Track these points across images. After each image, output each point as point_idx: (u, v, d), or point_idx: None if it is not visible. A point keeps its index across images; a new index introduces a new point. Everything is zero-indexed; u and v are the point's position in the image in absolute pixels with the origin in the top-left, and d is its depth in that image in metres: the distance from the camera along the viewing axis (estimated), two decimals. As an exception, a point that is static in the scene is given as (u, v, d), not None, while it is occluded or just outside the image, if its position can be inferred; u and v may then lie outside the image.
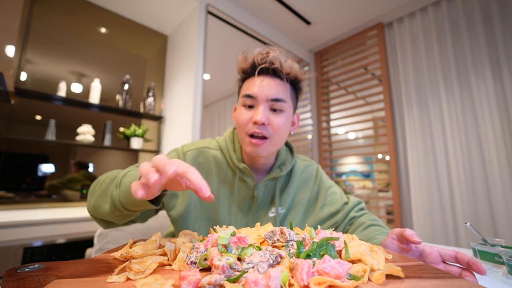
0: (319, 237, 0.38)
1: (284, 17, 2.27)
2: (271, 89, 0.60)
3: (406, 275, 0.30)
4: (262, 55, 0.61)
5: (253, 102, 0.61)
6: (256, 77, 0.62)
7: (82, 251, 1.24)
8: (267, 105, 0.60)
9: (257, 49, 0.63)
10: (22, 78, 1.57)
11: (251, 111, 0.61)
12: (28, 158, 1.60)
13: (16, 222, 1.11)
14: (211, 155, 0.68)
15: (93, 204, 0.52)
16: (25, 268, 0.31)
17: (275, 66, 0.61)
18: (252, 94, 0.60)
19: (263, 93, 0.59)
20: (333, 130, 2.73)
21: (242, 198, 0.68)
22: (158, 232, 0.44)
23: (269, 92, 0.60)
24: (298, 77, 0.66)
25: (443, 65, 1.93)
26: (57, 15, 1.75)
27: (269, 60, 0.61)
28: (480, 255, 0.63)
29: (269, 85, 0.60)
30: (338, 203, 0.72)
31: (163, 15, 2.07)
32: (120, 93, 1.90)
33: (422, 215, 1.91)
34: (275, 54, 0.61)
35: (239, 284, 0.25)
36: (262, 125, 0.59)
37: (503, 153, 1.60)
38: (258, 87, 0.60)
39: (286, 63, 0.62)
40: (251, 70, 0.63)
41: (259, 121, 0.58)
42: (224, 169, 0.67)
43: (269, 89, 0.60)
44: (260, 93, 0.59)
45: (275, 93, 0.60)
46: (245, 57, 0.64)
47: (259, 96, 0.60)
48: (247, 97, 0.61)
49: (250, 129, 0.60)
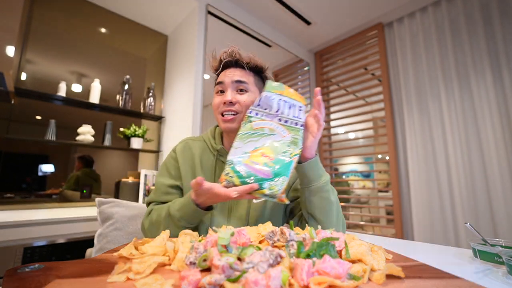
0: (319, 237, 0.38)
1: (284, 17, 2.27)
2: (235, 74, 0.73)
3: (406, 275, 0.30)
4: (226, 52, 0.75)
5: (222, 87, 0.74)
6: (225, 70, 0.76)
7: (82, 251, 1.24)
8: (233, 87, 0.73)
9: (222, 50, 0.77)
10: (22, 78, 1.57)
11: (222, 95, 0.74)
12: (28, 158, 1.60)
13: (16, 222, 1.11)
14: (194, 144, 0.81)
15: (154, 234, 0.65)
16: (25, 268, 0.31)
17: (236, 58, 0.74)
18: (221, 80, 0.74)
19: (228, 78, 0.73)
20: (333, 130, 2.73)
21: None
22: (167, 230, 0.44)
23: (233, 77, 0.73)
24: (259, 65, 0.77)
25: (443, 65, 1.93)
26: (57, 15, 1.76)
27: (230, 54, 0.74)
28: (480, 255, 0.63)
29: (233, 72, 0.74)
30: None
31: (163, 15, 2.07)
32: (120, 93, 1.90)
33: (422, 215, 1.91)
34: (234, 49, 0.75)
35: (239, 284, 0.25)
36: (231, 104, 0.71)
37: (503, 153, 1.60)
38: (225, 75, 0.74)
39: (245, 54, 0.76)
40: (220, 66, 0.76)
41: (227, 100, 0.71)
42: (205, 154, 0.79)
43: (233, 75, 0.73)
44: (226, 78, 0.73)
45: (237, 77, 0.73)
46: (214, 56, 0.78)
47: (225, 81, 0.73)
48: (217, 84, 0.75)
49: (222, 109, 0.72)
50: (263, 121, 0.62)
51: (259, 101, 0.63)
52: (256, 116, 0.63)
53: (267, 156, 0.58)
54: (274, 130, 0.61)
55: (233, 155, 0.59)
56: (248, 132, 0.61)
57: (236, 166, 0.57)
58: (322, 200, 0.63)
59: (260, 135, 0.61)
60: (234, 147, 0.60)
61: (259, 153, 0.58)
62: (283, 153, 0.58)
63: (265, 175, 0.56)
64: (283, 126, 0.61)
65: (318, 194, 0.63)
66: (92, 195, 1.74)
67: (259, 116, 0.63)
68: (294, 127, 0.61)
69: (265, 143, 0.60)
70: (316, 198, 0.64)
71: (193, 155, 0.79)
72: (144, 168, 1.88)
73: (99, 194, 1.85)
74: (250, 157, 0.58)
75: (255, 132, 0.61)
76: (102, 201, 0.96)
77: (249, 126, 0.62)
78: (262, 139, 0.60)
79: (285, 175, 0.56)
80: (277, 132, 0.60)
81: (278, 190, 0.55)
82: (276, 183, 0.55)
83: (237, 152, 0.60)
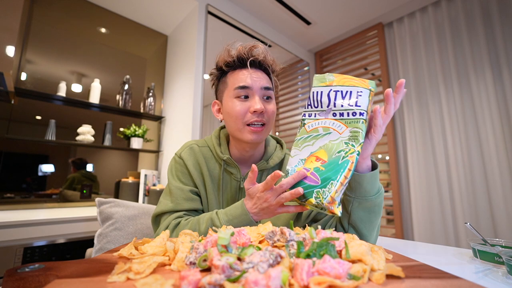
0: (319, 237, 0.38)
1: (284, 17, 2.27)
2: (261, 79, 0.65)
3: (406, 275, 0.30)
4: (248, 49, 0.65)
5: (247, 93, 0.64)
6: (245, 69, 0.66)
7: (82, 251, 1.24)
8: (260, 94, 0.65)
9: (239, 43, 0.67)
10: (22, 78, 1.57)
11: (246, 102, 0.64)
12: (28, 158, 1.60)
13: (16, 222, 1.11)
14: (200, 150, 0.72)
15: None
16: (25, 268, 0.31)
17: (261, 59, 0.66)
18: (247, 85, 0.64)
19: (256, 83, 0.64)
20: (333, 130, 2.73)
21: (230, 190, 0.71)
22: (167, 230, 0.44)
23: (261, 82, 0.65)
24: (276, 70, 0.71)
25: (443, 65, 1.93)
26: (57, 15, 1.75)
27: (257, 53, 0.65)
28: (480, 255, 0.63)
29: (259, 76, 0.65)
30: None
31: (163, 15, 2.07)
32: (120, 93, 1.90)
33: (422, 215, 1.91)
34: (263, 48, 0.66)
35: (239, 284, 0.25)
36: (261, 114, 0.63)
37: (503, 153, 1.60)
38: (250, 78, 0.64)
39: (270, 56, 0.68)
40: (237, 63, 0.66)
41: (259, 109, 0.62)
42: (211, 163, 0.72)
43: (260, 79, 0.65)
44: (253, 83, 0.64)
45: (266, 83, 0.65)
46: (229, 50, 0.67)
47: (254, 86, 0.64)
48: (242, 88, 0.64)
49: (250, 118, 0.63)
50: (317, 121, 0.52)
51: (308, 101, 0.54)
52: (309, 118, 0.53)
53: (320, 160, 0.49)
54: (329, 128, 0.50)
55: (289, 165, 0.52)
56: (303, 137, 0.53)
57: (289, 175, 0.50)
58: (371, 214, 0.56)
59: (315, 137, 0.51)
60: (291, 156, 0.53)
61: (313, 158, 0.50)
62: (338, 153, 0.48)
63: (313, 181, 0.47)
64: (339, 121, 0.50)
65: (370, 209, 0.55)
66: (92, 195, 1.74)
67: (312, 117, 0.53)
68: (352, 118, 0.49)
69: (321, 145, 0.50)
70: (365, 212, 0.55)
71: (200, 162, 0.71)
72: (144, 168, 1.88)
73: (99, 194, 1.85)
74: (305, 164, 0.50)
75: (309, 135, 0.52)
76: (102, 201, 0.96)
77: (303, 130, 0.53)
78: (318, 141, 0.51)
79: (333, 179, 0.46)
80: (332, 130, 0.50)
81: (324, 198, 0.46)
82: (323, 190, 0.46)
83: (293, 162, 0.52)
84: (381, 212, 0.57)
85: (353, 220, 0.56)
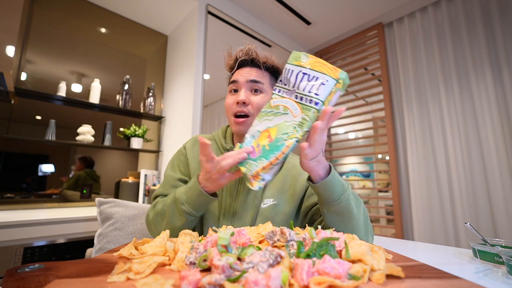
0: (319, 237, 0.38)
1: (284, 17, 2.27)
2: (250, 74, 0.70)
3: (406, 275, 0.30)
4: (242, 50, 0.72)
5: (236, 86, 0.70)
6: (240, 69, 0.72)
7: (82, 251, 1.24)
8: (247, 86, 0.69)
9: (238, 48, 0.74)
10: (22, 78, 1.56)
11: (235, 95, 0.70)
12: (28, 158, 1.60)
13: (16, 222, 1.11)
14: None
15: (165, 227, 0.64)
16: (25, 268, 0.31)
17: (252, 57, 0.71)
18: (235, 79, 0.71)
19: (243, 77, 0.70)
20: (333, 130, 2.73)
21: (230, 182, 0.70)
22: (167, 230, 0.44)
23: (248, 76, 0.70)
24: (275, 66, 0.74)
25: (443, 65, 1.93)
26: (57, 15, 1.75)
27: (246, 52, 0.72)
28: (480, 255, 0.63)
29: (249, 71, 0.71)
30: None
31: (163, 15, 2.07)
32: (120, 93, 1.90)
33: (422, 215, 1.91)
34: (252, 47, 0.72)
35: (239, 284, 0.25)
36: (243, 104, 0.68)
37: (503, 153, 1.60)
38: (239, 74, 0.71)
39: (262, 53, 0.72)
40: (236, 65, 0.73)
41: (240, 100, 0.67)
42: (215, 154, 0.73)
43: (249, 74, 0.70)
44: (240, 77, 0.70)
45: (253, 76, 0.70)
46: (230, 54, 0.75)
47: (240, 80, 0.70)
48: (231, 83, 0.72)
49: (234, 109, 0.69)
50: (282, 99, 0.54)
51: (280, 77, 0.57)
52: (277, 94, 0.56)
53: (270, 138, 0.53)
54: (288, 108, 0.53)
55: (248, 133, 0.57)
56: (266, 110, 0.56)
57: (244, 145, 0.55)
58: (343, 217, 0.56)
59: (275, 114, 0.54)
60: (252, 125, 0.57)
61: (266, 133, 0.54)
62: (283, 134, 0.52)
63: (253, 154, 0.53)
64: (297, 104, 0.52)
65: (339, 212, 0.56)
66: (92, 195, 1.74)
67: (280, 93, 0.55)
68: (308, 105, 0.51)
69: (276, 123, 0.53)
70: (337, 216, 0.57)
71: None
72: (144, 168, 1.88)
73: (99, 194, 1.85)
74: (259, 137, 0.54)
75: (271, 110, 0.55)
76: (102, 201, 0.97)
77: (268, 105, 0.56)
78: (276, 118, 0.54)
79: (264, 157, 0.51)
80: (289, 111, 0.52)
81: (250, 171, 0.52)
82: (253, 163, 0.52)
83: (250, 131, 0.57)
84: (355, 215, 0.57)
85: (327, 224, 0.59)
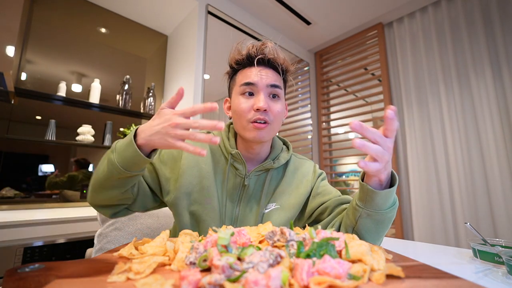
0: (319, 237, 0.38)
1: (284, 17, 2.27)
2: (269, 77, 0.64)
3: (406, 275, 0.30)
4: (258, 47, 0.65)
5: (252, 89, 0.63)
6: (253, 67, 0.65)
7: (82, 251, 1.24)
8: (266, 91, 0.63)
9: (250, 42, 0.67)
10: (22, 78, 1.56)
11: (251, 99, 0.63)
12: (28, 158, 1.60)
13: (16, 222, 1.11)
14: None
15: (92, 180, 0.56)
16: (26, 268, 0.31)
17: (271, 57, 0.64)
18: (252, 82, 0.63)
19: (263, 80, 0.63)
20: (333, 130, 2.73)
21: (233, 186, 0.68)
22: (167, 230, 0.44)
23: (267, 79, 0.63)
24: (288, 69, 0.69)
25: (443, 65, 1.93)
26: (57, 15, 1.75)
27: (266, 51, 0.64)
28: (480, 255, 0.63)
29: (267, 74, 0.64)
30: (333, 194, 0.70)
31: (163, 15, 2.07)
32: (120, 93, 1.90)
33: (422, 215, 1.91)
34: (272, 46, 0.65)
35: (239, 284, 0.25)
36: (264, 112, 0.62)
37: (503, 153, 1.60)
38: (256, 75, 0.63)
39: (281, 54, 0.67)
40: (246, 61, 0.66)
41: (262, 107, 0.60)
42: (217, 156, 0.70)
43: (267, 77, 0.64)
44: (259, 80, 0.63)
45: (273, 80, 0.64)
46: (239, 49, 0.67)
47: (259, 83, 0.63)
48: (246, 85, 0.63)
49: (253, 116, 0.62)
50: None
51: None
52: None
53: None
54: None
55: None
56: None
57: None
58: (380, 226, 0.53)
59: None
60: None
61: None
62: None
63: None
64: None
65: (380, 221, 0.52)
66: (92, 195, 1.74)
67: None
68: None
69: None
70: (373, 224, 0.52)
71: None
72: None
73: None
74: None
75: None
76: (102, 201, 0.96)
77: None
78: None
79: None
80: None
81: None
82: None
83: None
84: (390, 224, 0.54)
85: (358, 229, 0.54)
